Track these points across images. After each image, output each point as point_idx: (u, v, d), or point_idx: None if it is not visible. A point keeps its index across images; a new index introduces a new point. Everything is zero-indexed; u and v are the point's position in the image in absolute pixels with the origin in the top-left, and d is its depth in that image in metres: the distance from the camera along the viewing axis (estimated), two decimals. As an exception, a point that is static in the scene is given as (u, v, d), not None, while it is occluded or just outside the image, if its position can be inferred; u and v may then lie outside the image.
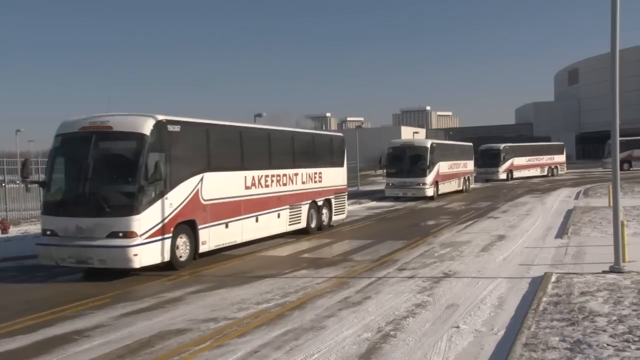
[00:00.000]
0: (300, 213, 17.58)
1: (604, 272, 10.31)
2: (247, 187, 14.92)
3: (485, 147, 48.48)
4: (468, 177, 36.91)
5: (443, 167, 32.36)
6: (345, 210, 20.88)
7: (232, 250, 14.73)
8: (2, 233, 18.76)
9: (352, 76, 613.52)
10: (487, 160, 46.93)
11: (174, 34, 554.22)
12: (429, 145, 31.21)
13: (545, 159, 51.47)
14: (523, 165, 48.79)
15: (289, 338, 7.48)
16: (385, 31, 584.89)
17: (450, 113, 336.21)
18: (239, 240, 14.59)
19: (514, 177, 47.34)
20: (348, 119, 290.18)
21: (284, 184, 16.71)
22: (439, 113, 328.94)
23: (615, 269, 10.30)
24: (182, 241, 12.45)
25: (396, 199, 30.72)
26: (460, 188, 35.24)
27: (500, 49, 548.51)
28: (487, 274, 11.23)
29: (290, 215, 17.01)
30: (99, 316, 8.89)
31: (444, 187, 32.53)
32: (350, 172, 42.37)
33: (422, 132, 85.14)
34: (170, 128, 12.27)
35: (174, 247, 12.13)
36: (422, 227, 19.36)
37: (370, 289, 10.23)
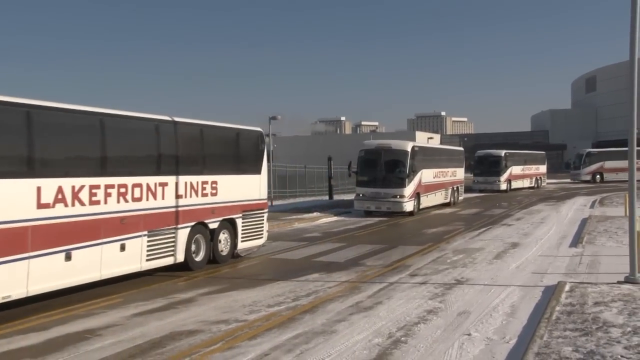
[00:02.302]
0: (173, 241, 12.00)
1: (618, 282, 10.20)
2: (42, 205, 9.18)
3: (483, 153, 44.47)
4: (457, 188, 32.19)
5: (427, 175, 27.33)
6: (263, 234, 15.05)
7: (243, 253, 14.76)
8: None
9: (367, 80, 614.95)
10: (486, 168, 42.67)
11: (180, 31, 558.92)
12: (409, 149, 25.76)
13: (533, 169, 47.95)
14: (518, 175, 44.83)
15: (299, 341, 7.48)
16: (401, 36, 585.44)
17: (465, 119, 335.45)
18: (18, 294, 8.80)
19: (512, 187, 43.36)
20: (363, 123, 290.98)
21: (136, 199, 11.07)
22: (454, 119, 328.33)
23: (630, 280, 10.19)
24: None
25: (368, 213, 25.76)
26: (448, 200, 30.45)
27: (517, 55, 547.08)
28: (500, 281, 11.16)
29: (150, 246, 11.38)
30: (111, 315, 8.95)
31: (427, 200, 27.65)
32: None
33: (437, 137, 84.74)
34: None
35: None
36: (434, 233, 19.28)
37: (381, 294, 10.20)
